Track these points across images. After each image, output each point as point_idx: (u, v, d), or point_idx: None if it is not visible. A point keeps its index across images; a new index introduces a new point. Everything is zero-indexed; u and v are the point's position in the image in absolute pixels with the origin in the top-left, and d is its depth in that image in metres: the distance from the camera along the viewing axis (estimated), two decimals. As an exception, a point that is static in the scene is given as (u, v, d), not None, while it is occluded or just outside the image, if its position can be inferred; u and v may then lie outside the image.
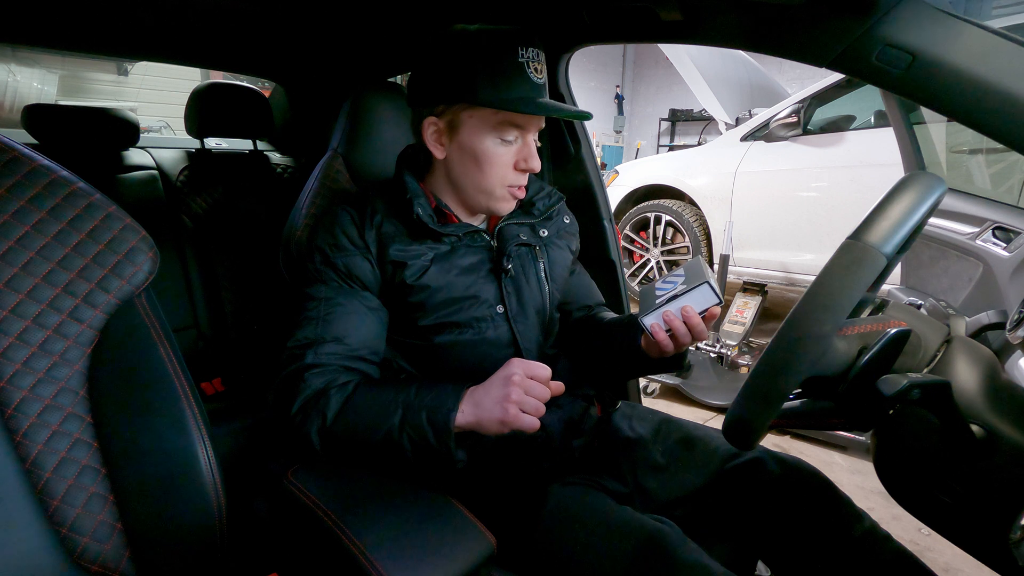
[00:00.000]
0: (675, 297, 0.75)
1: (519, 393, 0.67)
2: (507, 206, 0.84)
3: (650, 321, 0.76)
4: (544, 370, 0.70)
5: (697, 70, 3.49)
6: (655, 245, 3.76)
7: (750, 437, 0.54)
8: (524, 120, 0.78)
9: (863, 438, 2.08)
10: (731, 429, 0.55)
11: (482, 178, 0.81)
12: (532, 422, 0.68)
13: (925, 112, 1.83)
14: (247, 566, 0.82)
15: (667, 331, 0.76)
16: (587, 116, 0.84)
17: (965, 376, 0.58)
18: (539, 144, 0.85)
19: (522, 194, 0.84)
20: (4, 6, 1.09)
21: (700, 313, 0.75)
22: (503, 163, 0.80)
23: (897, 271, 1.75)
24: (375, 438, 0.72)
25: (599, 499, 0.77)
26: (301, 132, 1.86)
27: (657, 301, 0.76)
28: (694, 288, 0.74)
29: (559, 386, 0.71)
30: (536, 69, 0.77)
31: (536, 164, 0.81)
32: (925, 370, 0.59)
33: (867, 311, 0.63)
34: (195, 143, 1.67)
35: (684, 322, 0.75)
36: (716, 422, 2.26)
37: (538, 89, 0.77)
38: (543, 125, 0.83)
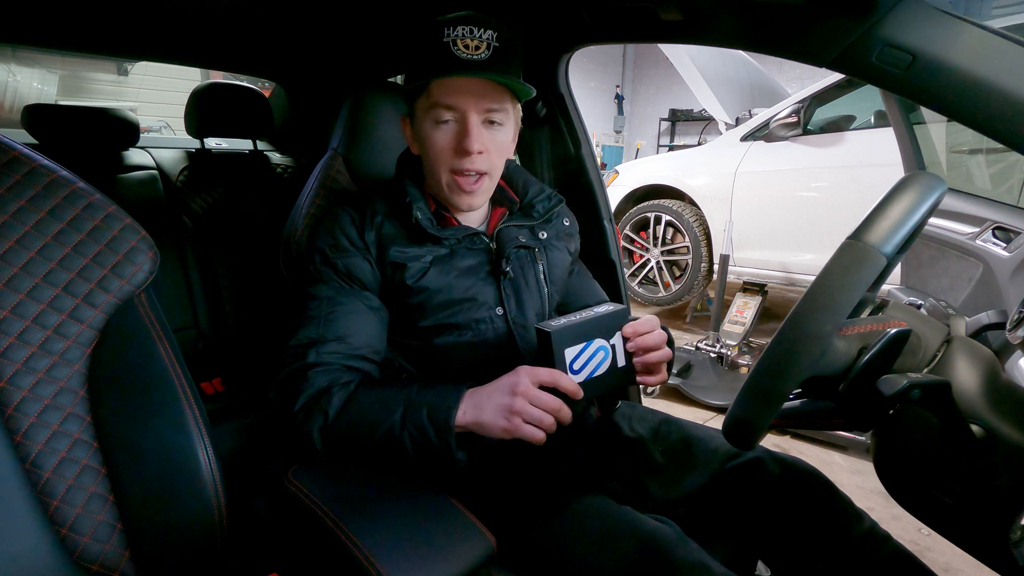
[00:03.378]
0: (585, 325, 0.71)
1: (522, 403, 0.67)
2: (461, 199, 0.82)
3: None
4: (555, 376, 0.68)
5: (697, 70, 3.48)
6: (655, 245, 3.76)
7: (750, 437, 0.54)
8: (452, 98, 0.76)
9: (863, 438, 2.08)
10: (731, 429, 0.55)
11: (429, 165, 0.82)
12: (534, 433, 0.67)
13: (925, 112, 1.83)
14: (247, 566, 0.82)
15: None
16: (524, 89, 0.77)
17: (965, 376, 0.57)
18: (495, 119, 0.79)
19: (472, 186, 0.80)
20: (4, 6, 1.09)
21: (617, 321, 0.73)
22: (440, 146, 0.79)
23: (897, 271, 1.75)
24: (376, 435, 0.72)
25: (599, 499, 0.76)
26: (301, 132, 1.86)
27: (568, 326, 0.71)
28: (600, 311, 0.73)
29: (575, 389, 0.69)
30: (467, 46, 0.73)
31: (468, 144, 0.76)
32: (925, 370, 0.59)
33: (867, 311, 0.63)
34: (195, 143, 1.67)
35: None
36: (716, 422, 2.26)
37: (467, 64, 0.73)
38: (504, 107, 0.79)
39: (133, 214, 0.64)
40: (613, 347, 0.73)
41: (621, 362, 0.74)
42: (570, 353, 0.70)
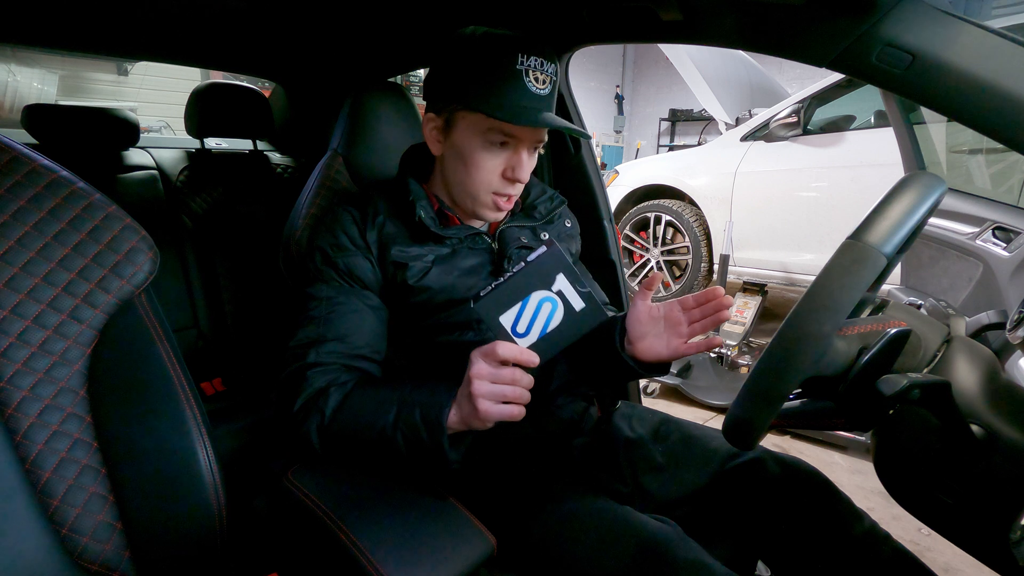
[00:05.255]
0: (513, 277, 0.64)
1: (483, 385, 0.64)
2: (491, 214, 0.83)
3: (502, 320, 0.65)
4: (504, 348, 0.63)
5: (697, 70, 3.49)
6: (655, 245, 3.76)
7: (750, 437, 0.54)
8: (516, 129, 0.75)
9: (863, 438, 2.08)
10: (731, 429, 0.55)
11: (468, 181, 0.80)
12: (505, 411, 0.64)
13: (925, 112, 1.83)
14: (247, 566, 0.82)
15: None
16: (584, 136, 0.82)
17: (965, 376, 0.58)
18: (542, 152, 0.83)
19: (509, 205, 0.82)
20: (4, 6, 1.09)
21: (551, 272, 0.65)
22: (489, 169, 0.78)
23: (897, 271, 1.75)
24: (371, 435, 0.72)
25: (599, 499, 0.76)
26: (301, 132, 1.86)
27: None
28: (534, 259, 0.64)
29: (530, 356, 0.64)
30: (537, 79, 0.74)
31: (522, 175, 0.78)
32: (925, 370, 0.59)
33: (867, 311, 0.63)
34: (195, 143, 1.67)
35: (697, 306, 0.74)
36: (716, 422, 2.26)
37: (536, 99, 0.74)
38: (544, 138, 0.80)
39: (133, 214, 0.64)
40: (560, 293, 0.66)
41: (578, 305, 0.66)
42: (507, 319, 0.64)
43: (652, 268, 3.81)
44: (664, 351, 0.77)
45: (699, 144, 4.30)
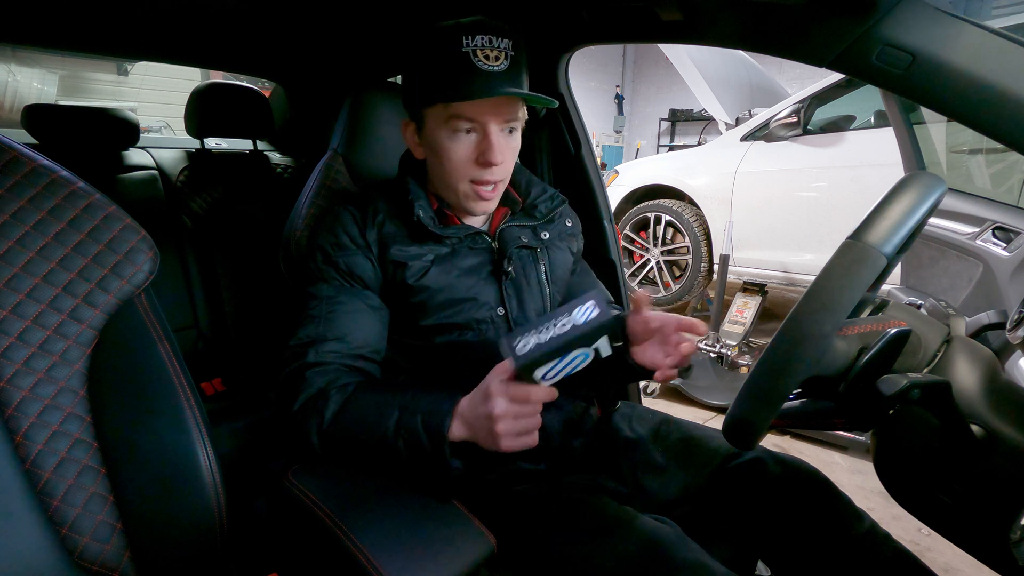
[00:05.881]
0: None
1: (505, 425, 0.64)
2: (477, 206, 0.82)
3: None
4: (535, 393, 0.63)
5: (697, 70, 3.49)
6: (655, 245, 3.76)
7: (750, 437, 0.54)
8: (474, 111, 0.75)
9: (863, 438, 2.08)
10: (731, 429, 0.55)
11: (444, 174, 0.80)
12: (526, 442, 0.65)
13: (925, 112, 1.83)
14: (247, 566, 0.82)
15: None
16: (549, 102, 0.77)
17: (965, 376, 0.58)
18: (512, 127, 0.79)
19: (492, 194, 0.81)
20: (4, 6, 1.09)
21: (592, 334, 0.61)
22: (460, 158, 0.77)
23: (897, 271, 1.75)
24: (371, 440, 0.72)
25: (599, 499, 0.76)
26: (301, 132, 1.86)
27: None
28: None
29: (550, 393, 0.65)
30: (488, 56, 0.72)
31: (493, 157, 0.76)
32: (925, 370, 0.59)
33: (867, 311, 0.63)
34: (195, 143, 1.67)
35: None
36: (716, 422, 2.26)
37: (489, 76, 0.72)
38: (517, 115, 0.78)
39: (133, 214, 0.64)
40: (596, 348, 0.64)
41: (606, 352, 0.65)
42: (541, 372, 0.63)
43: (652, 268, 3.81)
44: (646, 360, 0.80)
45: (699, 144, 4.30)
